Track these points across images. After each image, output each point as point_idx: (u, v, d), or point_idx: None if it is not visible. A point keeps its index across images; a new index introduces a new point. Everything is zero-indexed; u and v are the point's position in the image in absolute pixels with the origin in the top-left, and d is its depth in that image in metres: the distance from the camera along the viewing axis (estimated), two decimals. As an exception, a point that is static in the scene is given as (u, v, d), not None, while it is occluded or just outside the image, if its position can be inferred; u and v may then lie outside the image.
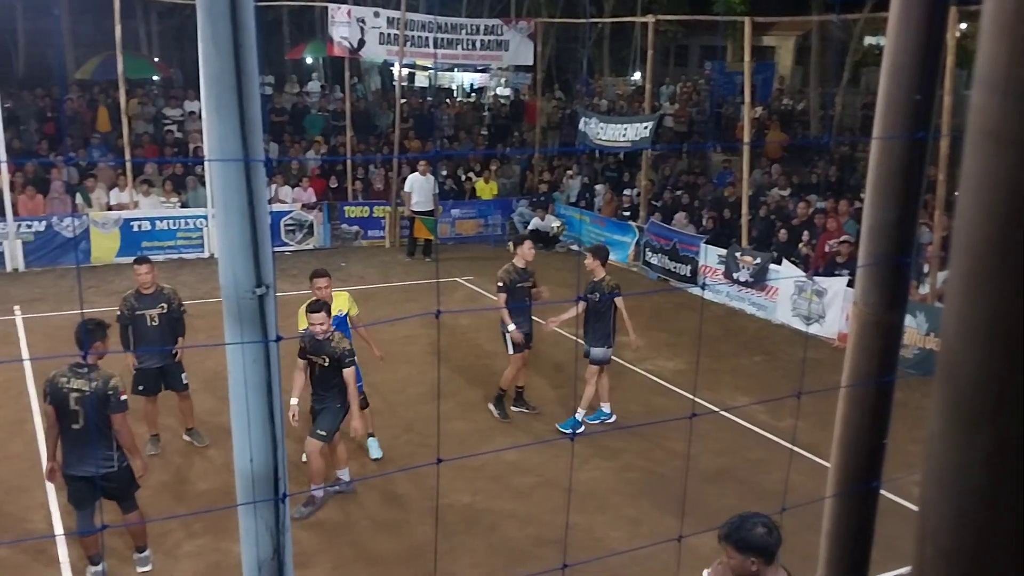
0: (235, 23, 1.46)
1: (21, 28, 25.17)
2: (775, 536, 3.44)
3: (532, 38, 17.88)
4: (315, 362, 6.91)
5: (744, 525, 3.45)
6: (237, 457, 1.61)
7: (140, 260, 7.90)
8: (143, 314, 7.66)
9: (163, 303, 7.74)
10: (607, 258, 8.67)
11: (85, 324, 5.89)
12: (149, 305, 7.68)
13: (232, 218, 1.59)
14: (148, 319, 7.67)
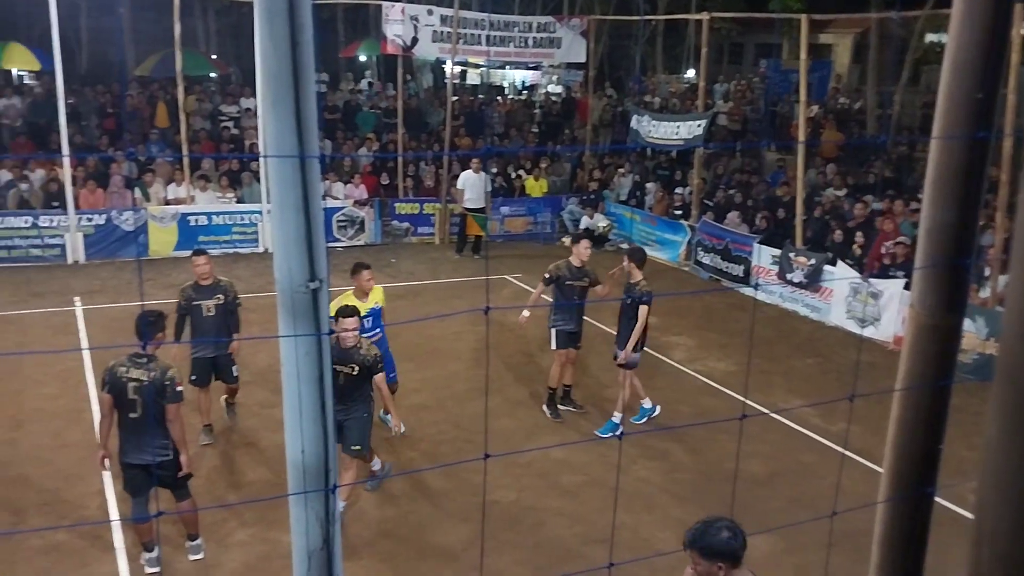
0: (293, 21, 1.49)
1: (84, 26, 25.81)
2: (739, 539, 3.41)
3: (585, 35, 17.82)
4: (341, 372, 6.49)
5: (708, 531, 3.41)
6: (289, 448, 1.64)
7: (198, 252, 8.14)
8: (200, 305, 7.85)
9: (220, 294, 7.92)
10: (643, 261, 8.49)
11: (145, 315, 6.03)
12: (206, 296, 7.86)
13: (287, 213, 1.62)
14: (204, 309, 7.85)
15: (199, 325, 7.88)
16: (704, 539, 3.41)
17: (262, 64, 1.55)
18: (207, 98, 19.57)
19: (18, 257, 14.04)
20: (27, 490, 7.19)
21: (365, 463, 7.13)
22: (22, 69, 21.05)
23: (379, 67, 28.04)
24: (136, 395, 5.73)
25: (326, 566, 1.64)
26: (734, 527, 3.42)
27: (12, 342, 10.65)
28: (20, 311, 11.77)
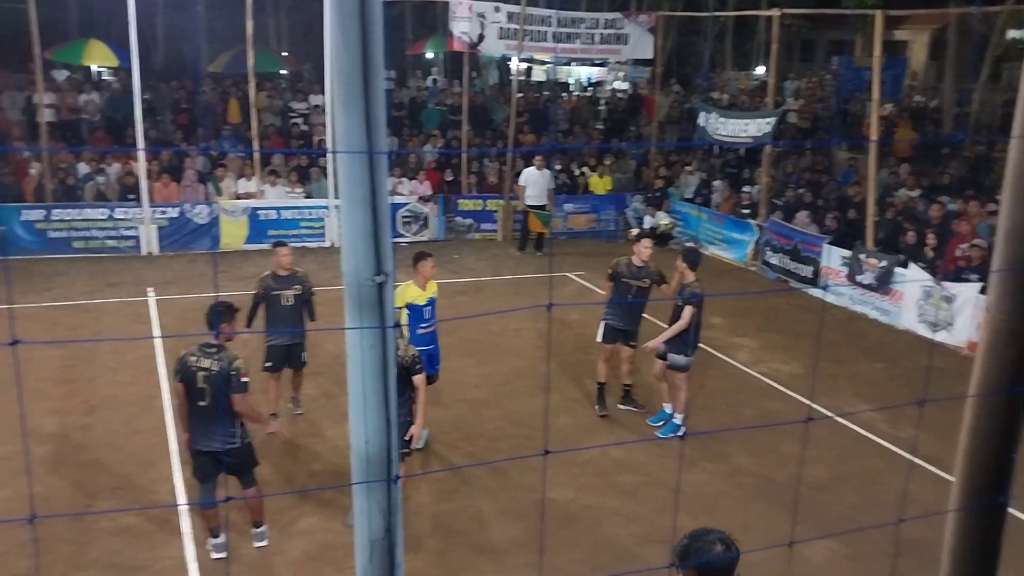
0: (364, 19, 1.51)
1: (161, 23, 26.54)
2: (734, 551, 3.08)
3: (653, 32, 17.67)
4: None
5: (699, 545, 3.07)
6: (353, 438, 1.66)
7: (280, 243, 8.48)
8: (279, 294, 8.14)
9: (297, 285, 8.22)
10: (697, 263, 8.33)
11: (216, 306, 6.17)
12: (285, 286, 8.15)
13: (355, 208, 1.65)
14: (283, 299, 8.13)
15: (277, 314, 8.14)
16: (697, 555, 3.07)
17: (334, 62, 1.58)
18: (277, 95, 19.95)
19: (95, 248, 14.52)
20: (100, 474, 7.44)
21: None
22: (101, 66, 21.70)
23: (445, 64, 28.24)
24: (205, 384, 5.89)
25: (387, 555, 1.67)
26: (727, 539, 3.09)
27: (88, 330, 11.02)
28: (96, 300, 12.17)
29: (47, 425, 8.19)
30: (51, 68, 19.34)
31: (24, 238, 14.12)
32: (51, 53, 18.96)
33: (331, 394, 9.00)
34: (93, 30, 21.63)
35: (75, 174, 15.27)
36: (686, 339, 8.19)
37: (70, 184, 15.07)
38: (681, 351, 8.24)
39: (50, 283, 12.84)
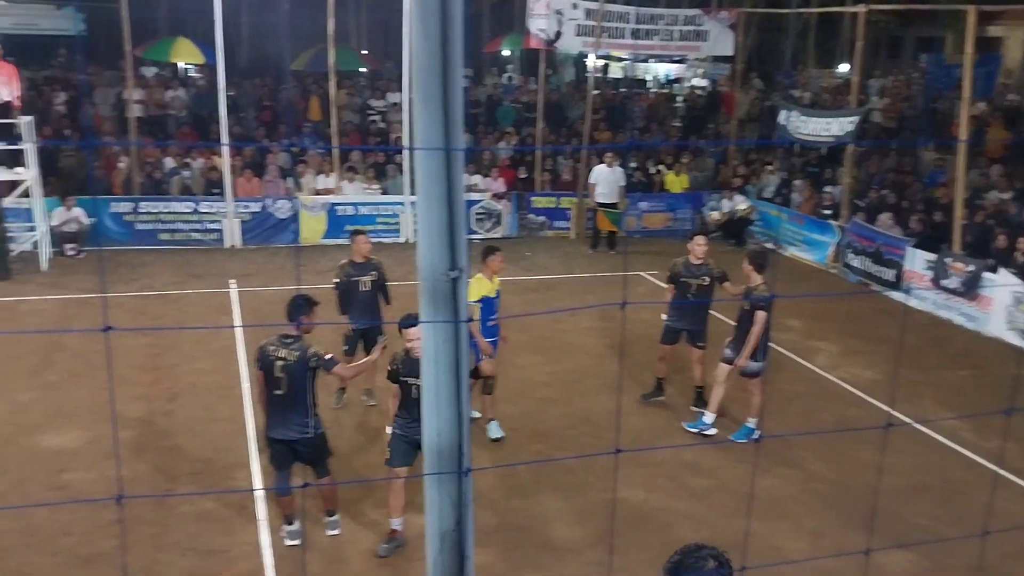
0: (444, 17, 1.52)
1: (245, 22, 27.19)
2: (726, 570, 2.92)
3: (733, 28, 17.40)
4: (413, 384, 6.07)
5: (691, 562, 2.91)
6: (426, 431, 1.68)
7: (359, 232, 8.83)
8: (357, 280, 8.46)
9: (373, 271, 8.54)
10: (764, 265, 8.10)
11: (296, 299, 6.31)
12: (362, 272, 8.48)
13: (432, 204, 1.67)
14: (361, 284, 8.45)
15: (355, 299, 8.46)
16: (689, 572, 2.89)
17: (414, 59, 1.60)
18: (357, 92, 20.26)
19: (180, 240, 14.98)
20: (180, 459, 7.68)
21: None
22: (188, 63, 22.36)
23: (521, 61, 28.27)
24: (282, 373, 6.03)
25: (457, 547, 1.68)
26: (720, 556, 2.93)
27: (172, 319, 11.38)
28: (180, 291, 12.57)
29: (133, 410, 8.49)
30: (141, 65, 20.02)
31: (113, 230, 14.66)
32: (141, 51, 19.62)
33: (404, 388, 9.09)
34: (181, 28, 22.29)
35: (162, 168, 15.78)
36: (759, 344, 8.00)
37: (157, 178, 15.59)
38: (752, 356, 8.05)
39: (136, 273, 13.30)
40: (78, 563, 6.10)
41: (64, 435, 7.98)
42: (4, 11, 19.80)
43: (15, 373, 9.34)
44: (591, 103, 17.17)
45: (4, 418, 8.28)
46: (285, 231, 15.42)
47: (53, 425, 8.17)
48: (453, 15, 1.57)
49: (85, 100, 17.99)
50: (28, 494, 6.98)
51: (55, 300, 11.98)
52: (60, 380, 9.22)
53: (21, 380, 9.17)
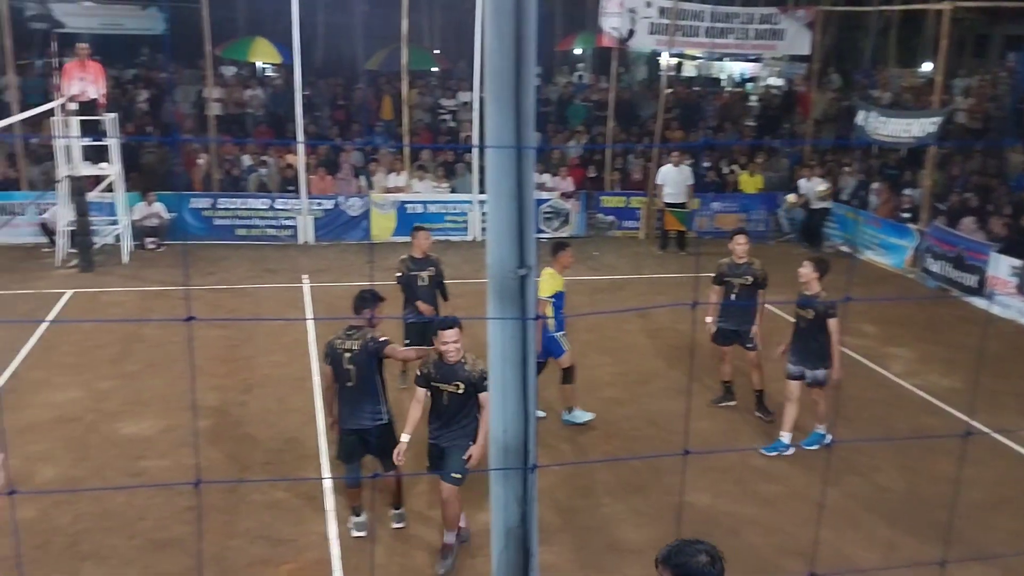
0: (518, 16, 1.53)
1: (321, 22, 27.68)
2: (718, 568, 3.00)
3: (811, 27, 17.04)
4: (444, 390, 5.98)
5: (685, 550, 3.04)
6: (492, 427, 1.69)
7: (420, 228, 9.09)
8: (416, 275, 8.70)
9: (431, 267, 8.78)
10: (826, 272, 7.80)
11: (362, 292, 6.44)
12: (421, 267, 8.74)
13: (502, 202, 1.67)
14: (419, 279, 8.70)
15: (415, 294, 8.72)
16: (680, 558, 3.03)
17: (487, 58, 1.61)
18: (428, 92, 20.44)
19: (256, 236, 15.34)
20: (254, 449, 7.86)
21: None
22: (266, 62, 22.85)
23: (593, 60, 28.15)
24: (350, 364, 6.16)
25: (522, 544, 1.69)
26: (714, 553, 3.03)
27: (247, 313, 11.66)
28: (256, 285, 12.87)
29: (208, 400, 8.72)
30: (220, 64, 20.52)
31: (192, 224, 15.08)
32: (221, 50, 20.12)
33: (470, 385, 9.15)
34: (260, 28, 22.79)
35: (239, 165, 16.18)
36: (822, 352, 7.71)
37: (235, 175, 15.99)
38: (815, 365, 7.78)
39: (214, 267, 13.66)
40: (153, 547, 6.30)
41: (141, 423, 8.25)
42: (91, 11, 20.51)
43: (96, 362, 9.68)
44: (663, 102, 17.02)
45: (86, 405, 8.60)
46: (356, 228, 15.67)
47: (131, 413, 8.45)
48: (527, 14, 1.57)
49: (167, 98, 18.54)
50: (107, 479, 7.24)
51: (135, 292, 12.38)
52: (138, 370, 9.52)
53: (102, 369, 9.51)
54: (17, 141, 15.11)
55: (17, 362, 9.55)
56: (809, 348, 7.77)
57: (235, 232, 15.30)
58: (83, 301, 11.90)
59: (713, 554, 3.03)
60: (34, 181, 15.20)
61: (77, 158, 13.11)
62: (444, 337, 5.90)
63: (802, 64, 22.86)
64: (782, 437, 8.01)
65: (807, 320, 7.72)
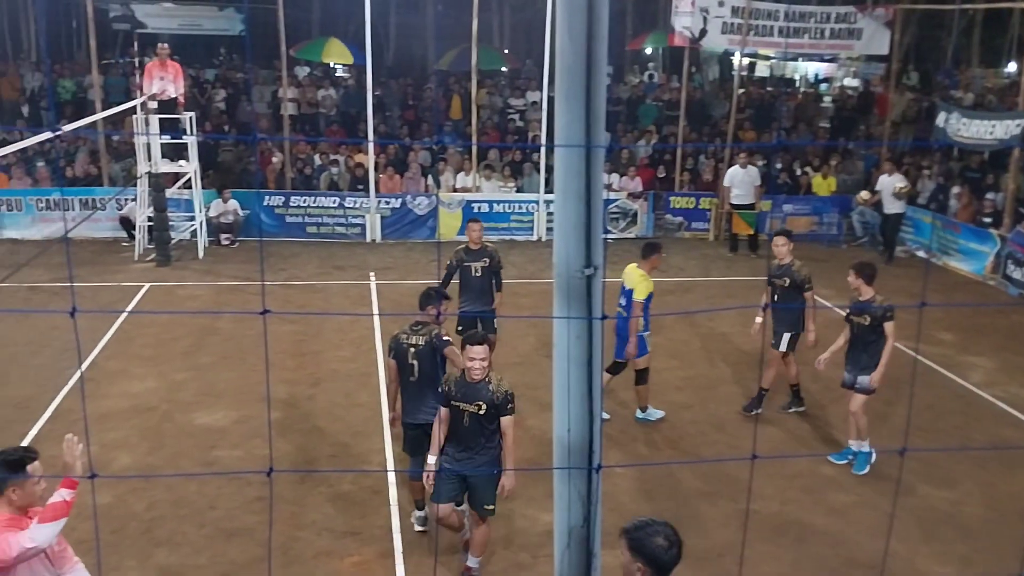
0: (590, 15, 1.52)
1: (392, 22, 28.00)
2: (673, 552, 3.06)
3: (890, 26, 16.60)
4: (466, 411, 5.59)
5: (646, 528, 3.12)
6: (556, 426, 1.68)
7: (473, 219, 9.25)
8: (469, 266, 8.79)
9: (486, 258, 8.83)
10: (873, 276, 7.47)
11: (428, 290, 6.57)
12: (475, 259, 8.81)
13: (570, 201, 1.66)
14: (473, 270, 8.78)
15: (467, 284, 8.80)
16: (637, 533, 3.13)
17: (558, 57, 1.60)
18: (497, 91, 20.52)
19: (325, 233, 15.60)
20: (321, 442, 7.99)
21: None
22: (338, 63, 23.22)
23: (663, 59, 27.91)
24: (414, 360, 6.25)
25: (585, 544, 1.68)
26: (673, 538, 3.10)
27: (316, 308, 11.87)
28: (324, 281, 13.09)
29: (278, 393, 8.90)
30: (294, 65, 20.93)
31: (266, 222, 15.41)
32: (295, 50, 20.52)
33: (533, 384, 9.15)
34: (333, 29, 23.16)
35: (311, 164, 16.47)
36: (877, 359, 7.41)
37: (307, 173, 16.29)
38: (868, 372, 7.46)
39: (285, 264, 13.94)
40: (223, 536, 6.45)
41: (214, 414, 8.46)
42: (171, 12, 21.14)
43: (172, 354, 9.97)
44: (735, 102, 16.77)
45: (161, 396, 8.86)
46: (422, 227, 15.82)
47: (204, 404, 8.67)
48: (599, 14, 1.57)
49: (244, 98, 18.98)
50: (181, 468, 7.44)
51: (209, 287, 12.71)
52: (212, 362, 9.77)
53: (177, 361, 9.78)
54: (100, 138, 15.64)
55: (96, 352, 9.90)
56: (864, 354, 7.47)
57: (306, 229, 15.58)
58: (159, 294, 12.26)
59: (672, 539, 3.10)
60: (115, 177, 15.72)
61: (157, 155, 13.51)
62: (471, 353, 5.51)
63: (880, 64, 22.31)
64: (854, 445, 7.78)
65: (862, 326, 7.45)
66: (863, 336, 7.48)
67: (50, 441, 7.80)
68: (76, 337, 9.83)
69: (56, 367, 9.34)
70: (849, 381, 7.65)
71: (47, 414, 8.29)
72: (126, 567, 6.03)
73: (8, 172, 15.28)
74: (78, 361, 9.46)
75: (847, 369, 7.65)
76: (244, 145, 16.79)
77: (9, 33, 24.12)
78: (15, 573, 3.87)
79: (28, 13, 23.80)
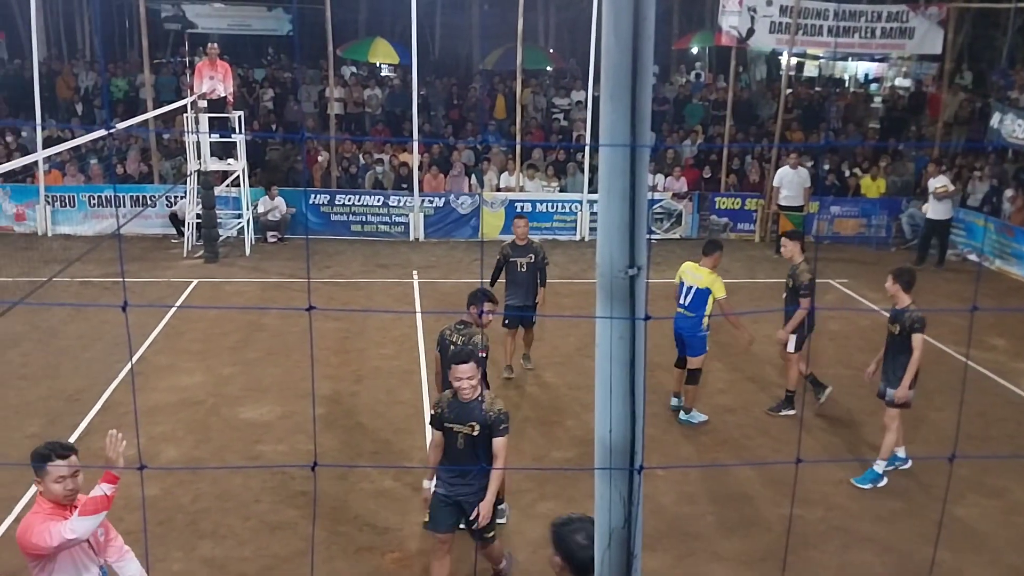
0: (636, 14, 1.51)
1: (438, 23, 28.15)
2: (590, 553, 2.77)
3: (943, 25, 16.27)
4: (459, 432, 5.32)
5: (569, 525, 3.10)
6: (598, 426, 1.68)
7: (519, 216, 9.61)
8: (515, 261, 9.21)
9: (531, 254, 9.24)
10: (911, 283, 7.21)
11: (476, 291, 6.63)
12: (521, 254, 9.21)
13: (614, 201, 1.66)
14: (518, 265, 9.19)
15: (513, 278, 9.20)
16: (560, 529, 3.13)
17: (604, 57, 1.60)
18: (541, 91, 20.52)
19: (369, 232, 15.73)
20: (363, 438, 8.06)
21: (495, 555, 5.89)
22: (384, 62, 23.41)
23: (710, 59, 27.68)
24: None
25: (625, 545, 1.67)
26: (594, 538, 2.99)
27: (359, 306, 11.97)
28: (368, 279, 13.20)
29: (323, 389, 9.00)
30: (341, 64, 21.14)
31: (311, 220, 15.59)
32: (342, 50, 20.73)
33: (574, 384, 9.15)
34: (379, 29, 23.35)
35: (357, 163, 16.62)
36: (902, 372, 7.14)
37: (352, 172, 16.43)
38: (896, 383, 7.21)
39: (330, 261, 14.08)
40: (266, 529, 6.53)
41: (259, 408, 8.58)
42: (220, 13, 21.48)
43: (219, 349, 10.12)
44: (783, 102, 16.57)
45: (208, 390, 9.00)
46: (465, 226, 15.88)
47: (250, 399, 8.80)
48: (645, 13, 1.56)
49: (292, 97, 19.21)
50: (226, 461, 7.56)
51: (256, 283, 12.89)
52: (258, 357, 9.91)
53: (224, 356, 9.93)
54: (151, 136, 15.94)
55: (145, 346, 10.09)
56: (894, 364, 7.23)
57: (350, 228, 15.73)
58: (207, 290, 12.46)
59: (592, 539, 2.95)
60: (165, 175, 16.02)
61: (206, 154, 13.73)
62: (457, 372, 5.22)
63: (932, 64, 21.89)
64: (898, 451, 7.64)
65: (893, 335, 7.22)
66: (894, 346, 7.24)
67: (100, 433, 7.98)
68: (127, 331, 10.04)
69: (107, 360, 9.55)
70: (881, 391, 7.45)
71: (97, 406, 8.48)
72: (172, 558, 6.14)
73: (62, 169, 15.64)
74: (128, 355, 9.66)
75: (881, 379, 7.44)
76: (291, 144, 17.01)
77: (65, 33, 24.71)
78: (57, 561, 3.98)
79: (83, 14, 24.38)
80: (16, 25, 22.41)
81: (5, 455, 7.37)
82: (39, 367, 9.38)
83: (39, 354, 9.63)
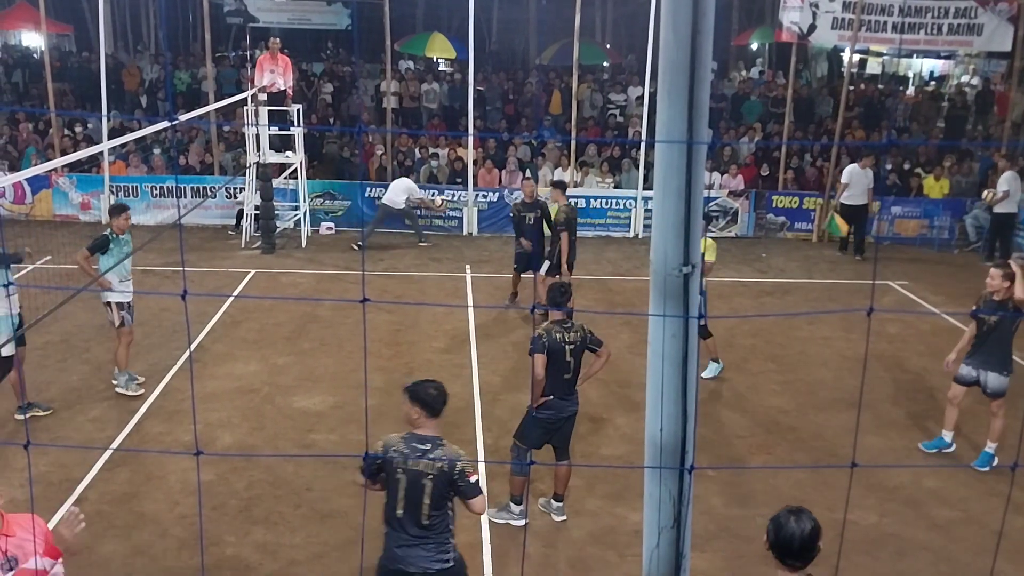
0: (696, 10, 1.50)
1: (495, 17, 28.16)
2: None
3: (1013, 21, 15.78)
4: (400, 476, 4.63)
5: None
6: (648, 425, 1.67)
7: (527, 178, 10.55)
8: (524, 215, 11.07)
9: (537, 209, 11.02)
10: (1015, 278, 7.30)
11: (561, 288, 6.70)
12: (529, 210, 11.06)
13: (669, 198, 1.65)
14: (527, 219, 11.02)
15: (523, 231, 11.06)
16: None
17: (663, 53, 1.59)
18: (598, 87, 20.42)
19: (423, 225, 15.80)
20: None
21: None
22: (440, 57, 23.50)
23: (770, 55, 27.27)
24: (571, 357, 6.33)
25: (675, 544, 1.66)
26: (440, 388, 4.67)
27: (412, 298, 12.05)
28: (422, 273, 13.28)
29: (375, 380, 9.08)
30: (398, 59, 21.29)
31: (367, 213, 15.73)
32: (399, 45, 20.86)
33: (624, 382, 9.10)
34: (436, 24, 23.44)
35: (412, 157, 16.73)
36: (1006, 356, 7.36)
37: (407, 166, 16.54)
38: (999, 369, 7.42)
39: (383, 254, 14.20)
40: (317, 517, 6.63)
41: (312, 398, 8.69)
42: (281, 7, 21.76)
43: (274, 339, 10.29)
44: (845, 99, 16.25)
45: (263, 379, 9.15)
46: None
47: (303, 388, 8.92)
48: (705, 8, 1.54)
49: (350, 91, 19.41)
50: (280, 449, 7.68)
51: (311, 275, 13.06)
52: (312, 348, 10.04)
53: (279, 345, 10.09)
54: (212, 128, 16.24)
55: (203, 335, 10.30)
56: (989, 353, 7.43)
57: (404, 222, 15.82)
58: (264, 281, 12.66)
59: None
60: (226, 166, 16.31)
61: (265, 146, 13.94)
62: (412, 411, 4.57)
63: (1001, 61, 21.26)
64: (944, 435, 7.78)
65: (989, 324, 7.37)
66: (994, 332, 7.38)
67: (159, 418, 8.19)
68: (186, 319, 10.24)
69: (166, 347, 9.77)
70: (969, 378, 7.59)
71: (157, 391, 8.69)
72: (225, 542, 6.27)
73: (126, 160, 16.02)
74: (187, 342, 9.86)
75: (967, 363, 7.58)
76: (349, 137, 17.18)
77: (131, 27, 25.32)
78: None
79: (148, 8, 24.95)
80: (84, 19, 23.07)
81: (67, 438, 7.60)
82: (101, 352, 9.64)
83: (102, 339, 9.89)
